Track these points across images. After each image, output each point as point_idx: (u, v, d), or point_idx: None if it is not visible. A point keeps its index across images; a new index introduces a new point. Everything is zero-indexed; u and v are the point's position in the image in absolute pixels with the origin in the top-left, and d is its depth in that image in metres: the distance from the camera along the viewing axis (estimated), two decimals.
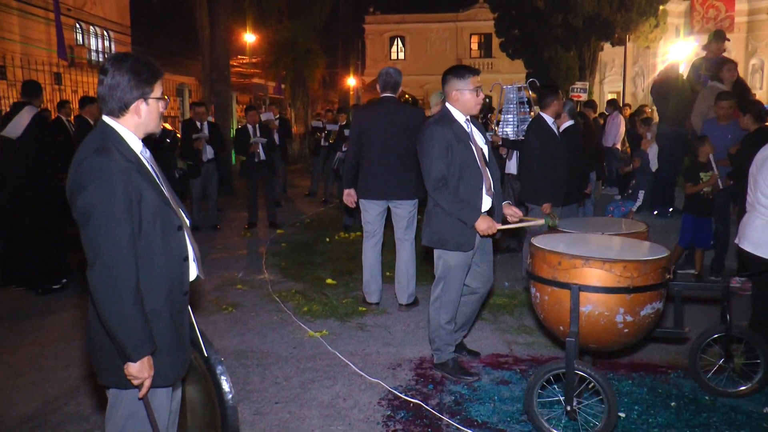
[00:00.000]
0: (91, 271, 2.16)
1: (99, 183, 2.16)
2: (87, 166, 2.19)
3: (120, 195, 2.17)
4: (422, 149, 4.07)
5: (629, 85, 31.76)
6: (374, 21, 42.51)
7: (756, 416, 3.71)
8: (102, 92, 2.32)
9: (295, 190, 14.63)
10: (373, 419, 3.72)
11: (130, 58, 2.34)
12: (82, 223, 2.18)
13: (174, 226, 2.37)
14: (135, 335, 2.18)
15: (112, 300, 2.15)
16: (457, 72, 4.08)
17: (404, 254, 5.67)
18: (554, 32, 22.96)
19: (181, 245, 2.42)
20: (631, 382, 4.18)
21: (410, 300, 5.72)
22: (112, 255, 2.14)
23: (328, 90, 35.80)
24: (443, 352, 4.31)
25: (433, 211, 4.11)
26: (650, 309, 3.35)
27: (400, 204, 5.59)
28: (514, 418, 3.70)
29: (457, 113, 4.08)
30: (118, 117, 2.34)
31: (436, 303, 4.25)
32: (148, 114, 2.37)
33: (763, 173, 4.05)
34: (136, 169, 2.26)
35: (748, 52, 32.69)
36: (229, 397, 2.51)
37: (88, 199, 2.16)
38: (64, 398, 4.05)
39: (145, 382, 2.26)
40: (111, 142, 2.27)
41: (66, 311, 5.83)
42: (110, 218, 2.15)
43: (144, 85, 2.33)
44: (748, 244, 4.11)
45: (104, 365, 2.35)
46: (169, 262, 2.35)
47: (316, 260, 7.69)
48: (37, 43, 20.30)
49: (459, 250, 4.05)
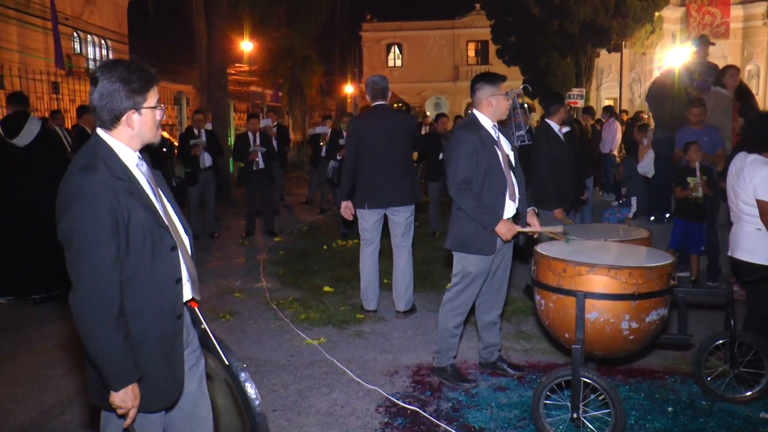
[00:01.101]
0: (72, 295, 2.08)
1: (82, 205, 2.05)
2: (71, 186, 2.09)
3: (104, 217, 2.06)
4: (448, 153, 4.15)
5: (626, 92, 31.84)
6: (371, 28, 42.63)
7: (753, 421, 3.71)
8: (92, 103, 2.19)
9: (293, 198, 14.65)
10: (371, 426, 3.72)
11: (120, 65, 2.21)
12: (65, 245, 2.08)
13: (167, 246, 2.25)
14: (116, 364, 2.08)
15: (93, 326, 2.06)
16: (490, 79, 4.16)
17: (401, 261, 5.68)
18: (550, 39, 23.02)
19: (174, 266, 2.28)
20: (629, 387, 4.18)
21: (408, 307, 5.73)
22: (93, 280, 2.05)
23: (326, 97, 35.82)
24: (444, 356, 4.31)
25: (456, 214, 4.15)
26: (655, 315, 3.37)
27: (397, 210, 5.61)
28: (512, 425, 3.71)
29: (484, 119, 4.14)
30: (110, 129, 2.22)
31: (448, 306, 4.26)
32: (141, 125, 2.24)
33: (740, 183, 4.10)
34: (125, 188, 2.15)
35: (744, 58, 32.78)
36: (256, 404, 2.46)
37: (70, 221, 2.06)
38: (61, 407, 4.05)
39: (130, 412, 2.15)
40: (100, 158, 2.15)
41: (64, 321, 5.82)
42: (92, 242, 2.05)
43: (135, 95, 2.20)
44: (741, 252, 4.12)
45: (93, 385, 2.25)
46: (159, 284, 2.23)
47: (313, 268, 7.70)
48: (35, 52, 20.32)
49: (480, 254, 4.06)
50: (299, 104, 26.32)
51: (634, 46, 24.98)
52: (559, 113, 5.95)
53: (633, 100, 33.57)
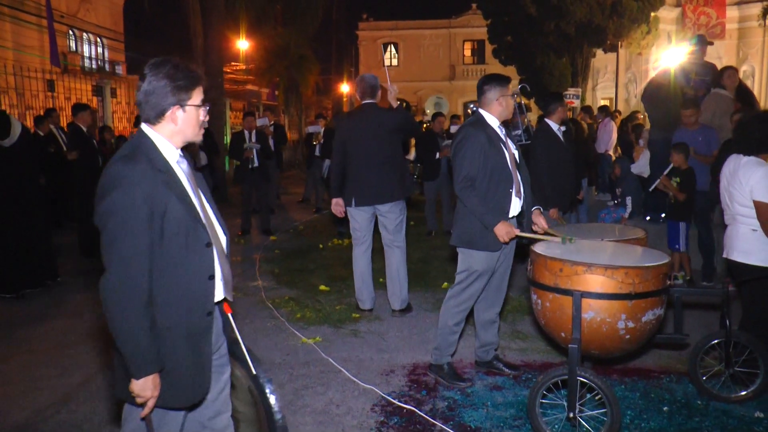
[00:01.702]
0: (102, 279, 2.13)
1: (119, 191, 2.11)
2: (110, 174, 2.15)
3: (139, 205, 2.11)
4: (455, 150, 4.18)
5: (622, 92, 31.89)
6: (367, 27, 42.61)
7: (747, 420, 3.72)
8: (139, 98, 2.26)
9: (289, 197, 14.64)
10: (367, 425, 3.72)
11: (168, 63, 2.27)
12: (100, 229, 2.14)
13: (202, 242, 2.27)
14: (138, 351, 2.11)
15: (120, 313, 2.10)
16: (500, 79, 4.22)
17: (394, 260, 5.69)
18: (547, 39, 23.04)
19: (208, 263, 2.31)
20: (625, 387, 4.19)
21: (403, 305, 5.73)
22: (124, 266, 2.09)
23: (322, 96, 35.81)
24: (442, 353, 4.32)
25: (463, 211, 4.17)
26: (651, 315, 3.37)
27: (385, 208, 5.60)
28: (507, 424, 3.71)
29: (491, 119, 4.19)
30: (154, 124, 2.28)
31: (451, 302, 4.27)
32: (185, 121, 2.29)
33: (734, 185, 4.10)
34: (164, 180, 2.19)
35: (739, 59, 32.86)
36: (278, 417, 2.46)
37: (107, 206, 2.12)
38: (56, 407, 4.03)
39: (148, 402, 2.17)
40: (141, 150, 2.21)
41: (59, 319, 5.82)
42: (126, 228, 2.10)
43: (180, 91, 2.26)
44: (737, 254, 4.13)
45: (119, 377, 2.29)
46: (191, 279, 2.25)
47: (309, 267, 7.69)
48: (30, 50, 20.26)
49: (487, 250, 4.08)
50: (295, 103, 26.32)
51: (630, 46, 25.04)
52: (557, 112, 5.97)
53: (629, 100, 33.62)
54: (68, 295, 6.61)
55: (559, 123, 6.00)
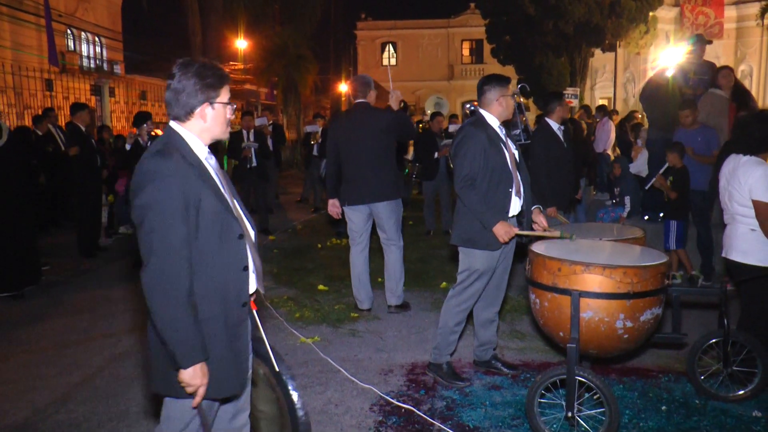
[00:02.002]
0: (143, 272, 2.15)
1: (156, 184, 2.14)
2: (146, 167, 2.19)
3: (176, 198, 2.15)
4: (456, 149, 4.17)
5: (620, 91, 31.91)
6: (366, 27, 42.59)
7: (746, 419, 3.73)
8: (168, 97, 2.31)
9: (288, 197, 14.63)
10: (365, 425, 3.72)
11: (196, 62, 2.33)
12: (138, 224, 2.17)
13: (235, 233, 2.32)
14: (185, 340, 2.14)
15: (163, 303, 2.12)
16: (501, 80, 4.22)
17: (391, 257, 5.73)
18: (545, 38, 23.05)
19: (241, 254, 2.35)
20: (623, 386, 4.20)
21: (399, 301, 5.77)
22: (164, 258, 2.12)
23: (320, 96, 35.79)
24: (442, 352, 4.32)
25: (462, 210, 4.17)
26: (650, 314, 3.38)
27: (380, 207, 5.60)
28: (506, 423, 3.71)
29: (491, 118, 4.19)
30: (183, 122, 2.33)
31: (452, 302, 4.26)
32: (214, 119, 2.35)
33: (733, 184, 4.10)
34: (197, 174, 2.24)
35: (737, 58, 32.88)
36: (301, 414, 2.48)
37: (144, 199, 2.15)
38: (55, 406, 4.03)
39: (199, 390, 2.20)
40: (173, 146, 2.26)
41: (58, 319, 5.81)
42: (164, 220, 2.13)
43: (209, 90, 2.31)
44: (735, 253, 4.13)
45: (158, 372, 2.31)
46: (227, 270, 2.30)
47: (307, 266, 7.69)
48: (28, 49, 20.22)
49: (488, 249, 4.08)
50: (294, 103, 26.29)
51: (628, 46, 25.06)
52: (557, 112, 5.95)
53: (627, 99, 33.62)
54: (67, 295, 6.61)
55: (559, 122, 5.99)
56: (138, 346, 5.07)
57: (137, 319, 5.73)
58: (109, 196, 9.67)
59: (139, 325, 5.56)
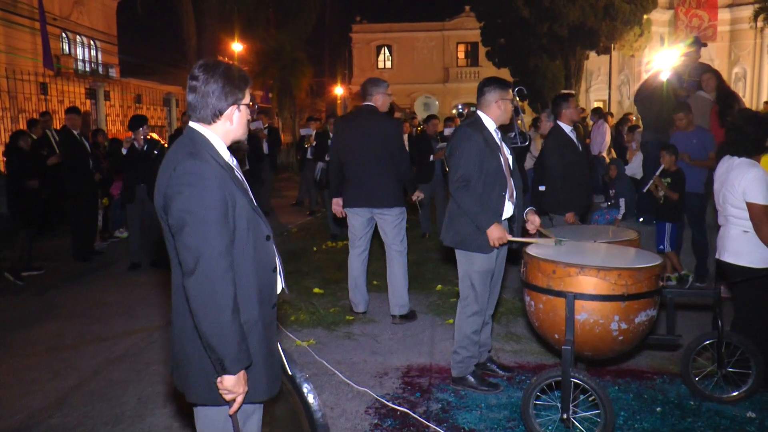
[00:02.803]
0: (188, 279, 2.08)
1: (196, 188, 2.08)
2: (182, 170, 2.11)
3: (217, 200, 2.09)
4: (452, 149, 4.13)
5: (615, 94, 32.03)
6: (361, 30, 42.61)
7: (740, 420, 3.74)
8: (193, 100, 2.24)
9: (283, 200, 14.62)
10: (361, 428, 3.72)
11: (221, 64, 2.28)
12: (178, 229, 2.09)
13: (263, 234, 2.30)
14: (234, 347, 2.09)
15: (211, 310, 2.06)
16: (502, 83, 4.20)
17: (394, 264, 5.62)
18: (540, 41, 23.13)
19: (270, 255, 2.34)
20: (618, 388, 4.20)
21: (402, 311, 5.63)
22: (211, 264, 2.06)
23: (316, 99, 35.83)
24: (467, 365, 4.23)
25: (456, 212, 4.13)
26: (644, 316, 3.38)
27: (383, 213, 5.57)
28: (501, 425, 3.71)
29: (488, 121, 4.15)
30: (209, 124, 2.27)
31: (465, 311, 4.19)
32: (239, 120, 2.30)
33: (727, 186, 4.11)
34: (229, 175, 2.19)
35: (730, 61, 33.07)
36: (319, 416, 2.46)
37: (185, 204, 2.07)
38: (48, 411, 4.02)
39: (238, 398, 2.17)
40: (204, 148, 2.20)
41: (52, 323, 5.80)
42: (208, 225, 2.07)
43: (237, 91, 2.27)
44: (728, 255, 4.14)
45: (193, 381, 2.24)
46: (261, 272, 2.27)
47: (303, 269, 7.68)
48: (23, 52, 20.17)
49: (480, 252, 4.05)
50: (289, 106, 26.32)
51: (622, 48, 25.15)
52: (565, 114, 5.74)
53: (622, 102, 33.75)
54: (61, 299, 6.59)
55: (570, 124, 5.79)
56: (134, 349, 5.06)
57: (132, 323, 5.71)
58: (103, 200, 9.65)
59: (135, 329, 5.55)
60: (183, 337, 2.23)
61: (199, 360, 2.20)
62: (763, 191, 3.92)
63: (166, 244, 2.25)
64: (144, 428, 3.76)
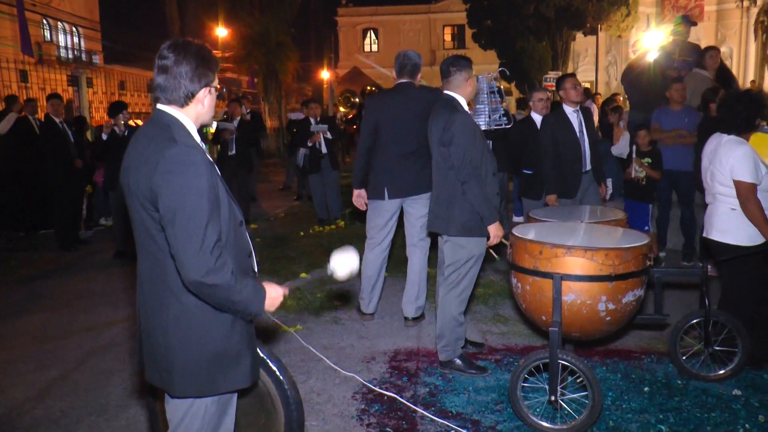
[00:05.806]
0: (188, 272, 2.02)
1: (187, 174, 2.00)
2: (170, 157, 2.01)
3: (207, 186, 2.03)
4: (451, 136, 3.92)
5: (602, 75, 32.02)
6: (347, 13, 42.34)
7: (726, 398, 3.75)
8: (164, 81, 2.13)
9: (270, 185, 14.54)
10: (348, 413, 3.69)
11: (192, 44, 2.18)
12: (169, 217, 1.99)
13: (238, 220, 2.26)
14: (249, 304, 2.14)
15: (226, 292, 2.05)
16: (468, 60, 4.16)
17: (416, 261, 5.16)
18: (526, 22, 23.04)
19: (246, 240, 2.32)
20: (606, 368, 4.20)
21: (418, 313, 5.16)
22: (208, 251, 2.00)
23: (302, 83, 35.57)
24: (454, 348, 4.18)
25: (460, 199, 3.98)
26: (632, 296, 3.37)
27: (415, 200, 5.04)
28: (489, 408, 3.70)
29: (462, 101, 4.09)
30: (182, 106, 2.17)
31: (453, 293, 4.12)
32: (209, 103, 2.23)
33: (715, 164, 4.09)
34: (207, 160, 2.11)
35: (717, 41, 33.03)
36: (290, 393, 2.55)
37: (175, 191, 1.99)
38: (32, 402, 3.97)
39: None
40: (180, 132, 2.11)
41: (37, 313, 5.73)
42: (203, 210, 2.01)
43: (209, 73, 2.19)
44: (715, 233, 4.13)
45: (179, 374, 2.15)
46: (239, 257, 2.23)
47: (290, 254, 7.64)
48: (3, 40, 19.88)
49: (485, 235, 4.00)
50: (275, 90, 26.10)
51: (609, 29, 25.12)
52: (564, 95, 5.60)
53: (609, 83, 33.78)
54: (46, 289, 6.52)
55: (572, 106, 5.60)
56: (119, 339, 5.00)
57: (118, 312, 5.65)
58: (87, 187, 9.53)
59: (120, 318, 5.49)
60: (164, 330, 2.14)
61: (184, 351, 2.13)
62: (750, 169, 3.90)
63: (137, 233, 2.17)
64: (129, 417, 3.72)
